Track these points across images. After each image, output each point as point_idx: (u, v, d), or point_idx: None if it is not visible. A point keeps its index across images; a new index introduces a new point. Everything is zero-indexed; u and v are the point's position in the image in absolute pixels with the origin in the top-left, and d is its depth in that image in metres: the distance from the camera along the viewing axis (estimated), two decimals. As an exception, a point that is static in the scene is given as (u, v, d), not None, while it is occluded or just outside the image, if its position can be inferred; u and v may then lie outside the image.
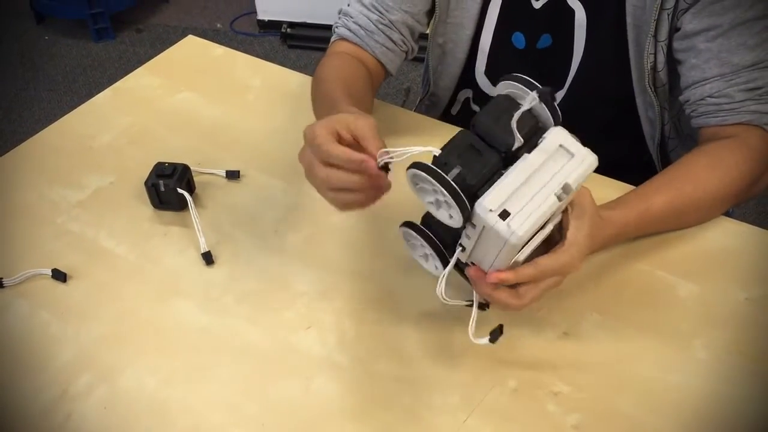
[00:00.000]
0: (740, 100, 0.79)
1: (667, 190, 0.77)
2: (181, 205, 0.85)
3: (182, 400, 0.68)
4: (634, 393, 0.66)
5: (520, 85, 0.59)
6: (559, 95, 0.95)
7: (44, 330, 0.75)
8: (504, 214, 0.56)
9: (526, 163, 0.58)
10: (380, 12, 0.91)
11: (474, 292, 0.65)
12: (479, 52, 0.96)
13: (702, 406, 0.66)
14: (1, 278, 0.79)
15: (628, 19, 0.85)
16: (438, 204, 0.59)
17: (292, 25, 2.53)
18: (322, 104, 0.84)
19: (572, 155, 0.58)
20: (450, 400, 0.67)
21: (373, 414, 0.66)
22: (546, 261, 0.62)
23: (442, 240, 0.65)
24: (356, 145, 0.64)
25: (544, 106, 0.59)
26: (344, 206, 0.67)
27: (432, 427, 0.65)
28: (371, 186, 0.64)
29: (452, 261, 0.63)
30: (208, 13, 2.78)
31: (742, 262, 0.77)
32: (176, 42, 1.14)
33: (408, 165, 0.59)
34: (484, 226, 0.58)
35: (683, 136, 0.96)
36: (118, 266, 0.81)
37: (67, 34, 2.68)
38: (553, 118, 0.60)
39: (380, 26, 0.91)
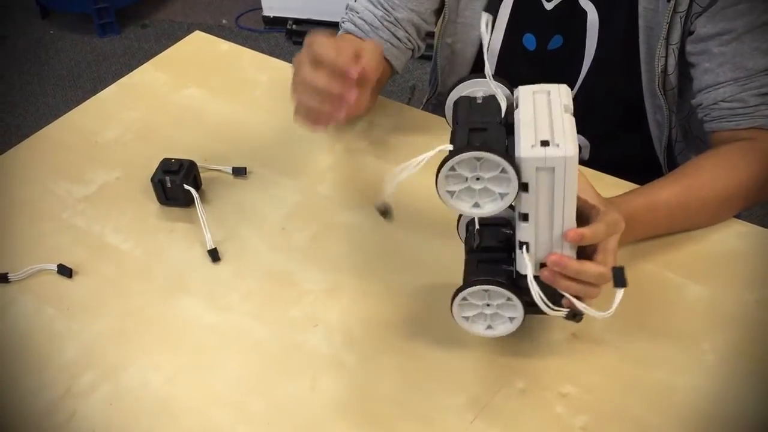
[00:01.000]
0: (754, 104, 0.79)
1: (673, 186, 0.76)
2: (187, 202, 0.85)
3: (187, 397, 0.68)
4: (643, 395, 0.66)
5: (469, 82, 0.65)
6: None
7: (49, 326, 0.74)
8: (545, 143, 0.55)
9: (521, 115, 0.58)
10: (386, 9, 0.91)
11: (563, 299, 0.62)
12: (489, 55, 0.95)
13: (710, 408, 0.65)
14: (7, 273, 0.78)
15: (641, 22, 0.84)
16: (474, 192, 0.58)
17: (297, 21, 2.53)
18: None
19: (548, 91, 0.59)
20: (457, 401, 0.66)
21: (379, 413, 0.66)
22: (607, 217, 0.61)
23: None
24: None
25: (501, 84, 0.63)
26: (308, 114, 0.70)
27: (439, 427, 0.65)
28: (341, 97, 0.67)
29: (529, 268, 0.60)
30: (214, 9, 2.77)
31: (751, 263, 0.77)
32: (181, 37, 1.14)
33: (438, 166, 0.57)
34: (537, 173, 0.56)
35: (691, 138, 0.96)
36: (123, 262, 0.80)
37: (72, 29, 2.67)
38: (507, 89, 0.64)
39: (385, 23, 0.91)
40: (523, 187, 0.57)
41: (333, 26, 0.94)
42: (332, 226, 0.83)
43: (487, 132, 0.60)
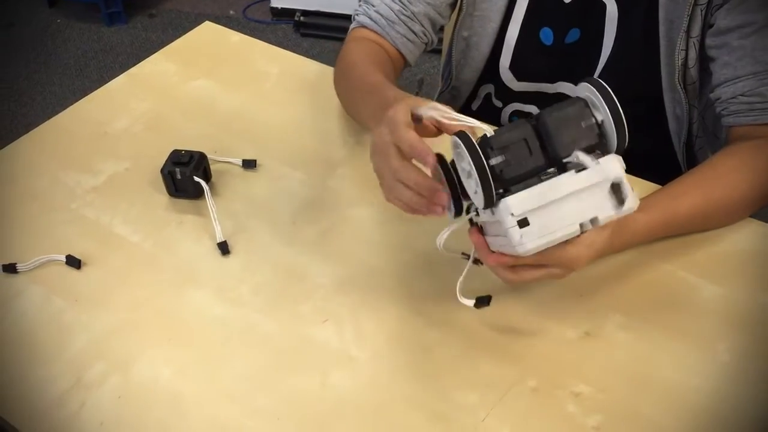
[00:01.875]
0: None
1: (695, 193, 0.76)
2: (197, 194, 0.84)
3: (197, 390, 0.67)
4: (656, 395, 0.65)
5: (598, 94, 0.57)
6: None
7: (58, 317, 0.74)
8: (523, 223, 0.55)
9: (569, 180, 0.55)
10: (403, 3, 0.90)
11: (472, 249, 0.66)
12: (504, 47, 0.94)
13: (724, 409, 0.64)
14: (16, 264, 0.78)
15: (661, 14, 0.83)
16: (469, 176, 0.58)
17: (305, 13, 2.51)
18: (358, 90, 0.83)
19: (619, 191, 0.56)
20: (469, 398, 0.66)
21: (389, 409, 0.65)
22: (554, 251, 0.60)
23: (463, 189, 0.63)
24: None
25: (614, 126, 0.56)
26: (405, 206, 0.66)
27: (450, 424, 0.64)
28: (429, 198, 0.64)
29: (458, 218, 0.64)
30: (221, -1, 2.76)
31: (767, 264, 0.76)
32: (189, 28, 1.13)
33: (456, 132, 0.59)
34: (499, 222, 0.57)
35: (708, 134, 0.95)
36: (132, 254, 0.80)
37: (80, 18, 2.66)
38: (618, 141, 0.57)
39: (402, 17, 0.90)
40: (491, 210, 0.59)
41: (341, 18, 0.94)
42: (343, 220, 0.82)
43: (530, 156, 0.56)
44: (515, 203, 0.55)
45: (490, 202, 0.57)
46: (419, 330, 0.71)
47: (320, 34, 2.50)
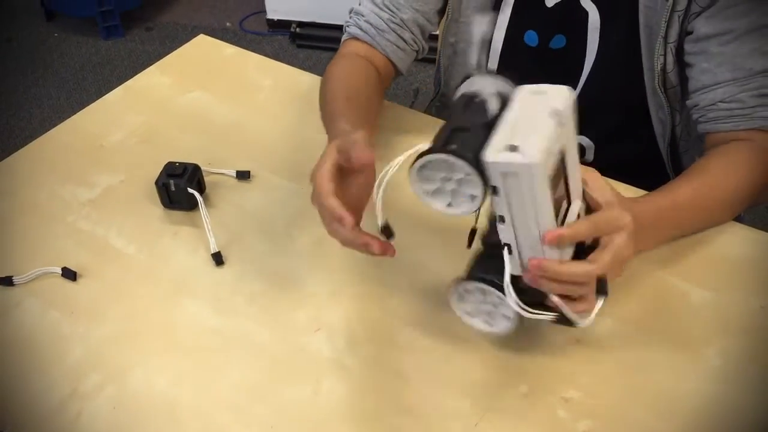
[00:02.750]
0: (752, 105, 0.79)
1: (690, 185, 0.77)
2: (191, 205, 0.85)
3: (191, 400, 0.68)
4: (646, 400, 0.66)
5: (476, 79, 0.60)
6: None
7: (54, 328, 0.74)
8: (512, 149, 0.53)
9: (506, 115, 0.57)
10: (391, 11, 0.91)
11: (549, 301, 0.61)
12: (491, 52, 0.96)
13: (715, 413, 0.65)
14: (12, 276, 0.79)
15: (641, 20, 0.84)
16: (443, 190, 0.58)
17: (301, 24, 2.53)
18: (324, 111, 0.85)
19: (545, 92, 0.57)
20: (461, 404, 0.66)
21: (382, 417, 0.66)
22: (597, 215, 0.61)
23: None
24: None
25: (504, 83, 0.59)
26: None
27: (442, 430, 0.65)
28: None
29: (506, 271, 0.59)
30: (218, 11, 2.78)
31: (757, 269, 0.77)
32: (185, 40, 1.14)
33: (411, 164, 0.58)
34: (504, 178, 0.55)
35: (693, 138, 0.96)
36: (128, 265, 0.80)
37: (77, 32, 2.68)
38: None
39: (391, 25, 0.91)
40: (493, 190, 0.56)
41: (337, 29, 0.95)
42: (336, 230, 0.83)
43: (468, 132, 0.57)
44: (491, 146, 0.55)
45: (482, 172, 0.55)
46: (411, 337, 0.72)
47: (316, 45, 2.52)
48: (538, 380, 0.67)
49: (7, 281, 0.78)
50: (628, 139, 0.96)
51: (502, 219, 0.58)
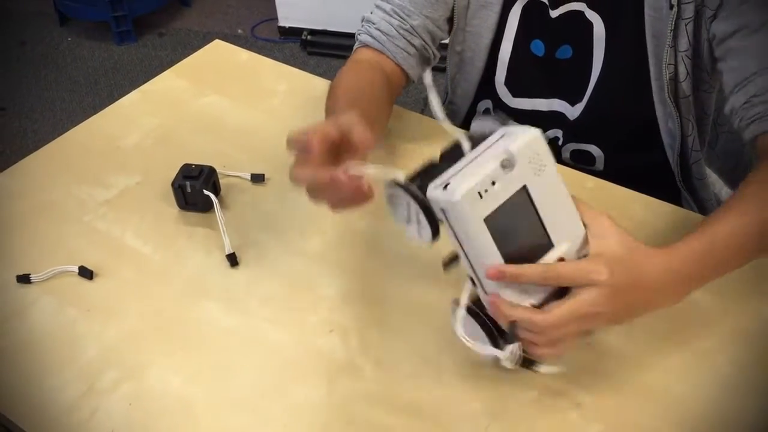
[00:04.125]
0: None
1: (731, 217, 0.67)
2: (206, 207, 0.86)
3: (206, 399, 0.69)
4: (657, 405, 0.66)
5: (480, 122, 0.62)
6: (579, 107, 0.95)
7: (71, 326, 0.75)
8: (444, 186, 0.57)
9: (470, 154, 0.59)
10: (401, 17, 0.92)
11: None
12: (499, 63, 0.96)
13: (724, 420, 0.65)
14: (29, 274, 0.80)
15: (647, 30, 0.85)
16: (410, 219, 0.61)
17: (312, 32, 2.55)
18: (326, 113, 0.85)
19: (512, 133, 0.58)
20: (472, 407, 0.67)
21: (394, 418, 0.66)
22: (565, 263, 0.58)
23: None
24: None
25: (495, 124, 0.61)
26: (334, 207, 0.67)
27: (453, 433, 0.65)
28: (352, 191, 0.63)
29: (463, 298, 0.62)
30: (230, 18, 2.80)
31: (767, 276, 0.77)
32: (197, 46, 1.16)
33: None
34: (443, 213, 0.57)
35: (704, 147, 0.95)
36: (143, 265, 0.81)
37: (90, 37, 2.71)
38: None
39: (401, 31, 0.92)
40: (443, 223, 0.59)
41: (347, 37, 0.96)
42: (349, 233, 0.84)
43: (435, 168, 0.60)
44: (434, 182, 0.58)
45: (427, 209, 0.58)
46: (423, 339, 0.72)
47: (327, 53, 2.54)
48: (549, 384, 0.68)
49: (25, 279, 0.79)
50: (638, 148, 0.96)
51: (457, 253, 0.61)
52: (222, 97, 1.05)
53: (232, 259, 0.80)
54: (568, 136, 0.98)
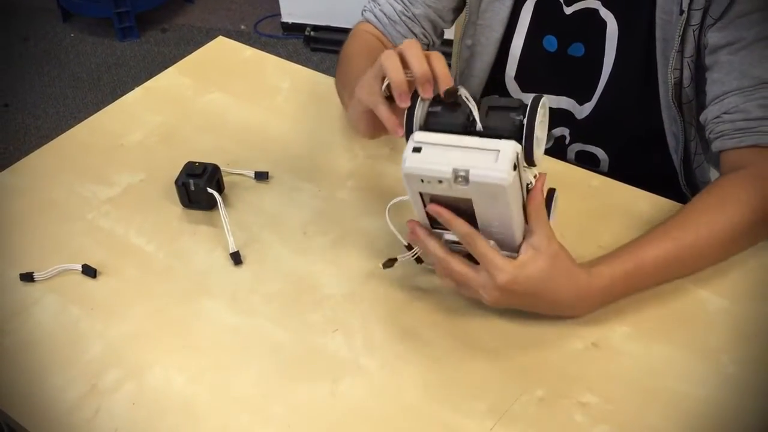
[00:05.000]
0: (756, 117, 0.76)
1: (661, 243, 0.71)
2: (210, 205, 0.85)
3: (209, 398, 0.68)
4: (662, 406, 0.66)
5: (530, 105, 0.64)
6: (587, 107, 0.94)
7: (74, 324, 0.75)
8: (417, 150, 0.63)
9: (470, 138, 0.62)
10: (405, 4, 0.94)
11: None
12: (510, 57, 0.96)
13: (730, 420, 0.65)
14: (33, 272, 0.79)
15: (658, 33, 0.85)
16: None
17: (315, 28, 2.55)
18: (349, 82, 0.84)
19: (497, 161, 0.60)
20: (477, 407, 0.66)
21: (399, 418, 0.66)
22: (487, 251, 0.65)
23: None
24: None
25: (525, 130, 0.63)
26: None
27: (458, 433, 0.65)
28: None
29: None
30: (233, 14, 2.79)
31: (772, 277, 0.77)
32: (201, 43, 1.15)
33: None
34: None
35: (708, 152, 0.95)
36: (147, 263, 0.81)
37: (93, 33, 2.71)
38: (527, 130, 0.63)
39: (403, 18, 0.94)
40: None
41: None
42: (353, 231, 0.83)
43: (454, 112, 0.65)
44: (420, 134, 0.64)
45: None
46: (428, 339, 0.72)
47: (330, 49, 2.53)
48: (554, 384, 0.68)
49: (28, 277, 0.79)
50: (643, 151, 0.96)
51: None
52: (225, 95, 1.04)
53: (236, 258, 0.80)
54: (575, 135, 0.97)
